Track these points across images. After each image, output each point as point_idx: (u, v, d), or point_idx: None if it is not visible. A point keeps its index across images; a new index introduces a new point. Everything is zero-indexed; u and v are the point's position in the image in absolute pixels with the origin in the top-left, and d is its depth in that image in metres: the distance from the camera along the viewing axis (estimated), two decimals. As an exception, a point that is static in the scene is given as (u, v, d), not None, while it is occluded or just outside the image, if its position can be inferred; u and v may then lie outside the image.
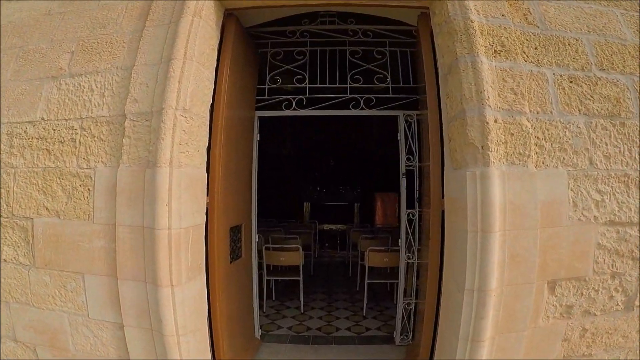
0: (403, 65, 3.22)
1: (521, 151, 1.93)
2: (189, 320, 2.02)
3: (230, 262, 2.50)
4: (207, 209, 2.22)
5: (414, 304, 3.08)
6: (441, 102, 2.26)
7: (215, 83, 2.35)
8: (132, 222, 1.94)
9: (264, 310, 3.93)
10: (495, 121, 1.90)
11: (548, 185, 1.94)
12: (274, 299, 4.28)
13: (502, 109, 1.93)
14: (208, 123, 2.21)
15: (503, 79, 1.98)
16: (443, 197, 2.16)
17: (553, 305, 1.97)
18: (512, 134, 1.93)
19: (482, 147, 1.86)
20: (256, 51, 3.22)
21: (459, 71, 1.99)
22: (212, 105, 2.31)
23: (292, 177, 8.85)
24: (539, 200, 1.91)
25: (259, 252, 3.90)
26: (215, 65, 2.37)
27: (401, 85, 3.20)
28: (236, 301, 2.65)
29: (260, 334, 3.27)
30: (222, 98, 2.35)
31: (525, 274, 1.88)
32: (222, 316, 2.36)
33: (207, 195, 2.21)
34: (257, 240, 3.04)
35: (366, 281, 3.84)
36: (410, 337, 3.13)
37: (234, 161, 2.52)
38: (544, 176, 1.94)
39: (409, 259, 3.01)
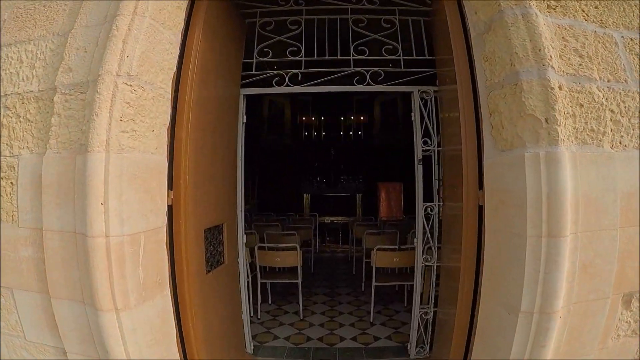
0: (416, 36, 2.62)
1: (594, 127, 1.38)
2: (147, 351, 1.49)
3: (208, 272, 1.95)
4: (170, 206, 1.66)
5: (432, 313, 2.55)
6: (475, 68, 1.71)
7: (183, 50, 1.77)
8: (63, 227, 1.39)
9: (259, 317, 3.39)
10: (560, 88, 1.36)
11: (628, 172, 1.43)
12: (270, 302, 3.74)
13: (567, 73, 1.42)
14: (170, 97, 1.63)
15: (563, 37, 1.47)
16: (481, 187, 1.58)
17: (626, 322, 1.54)
18: (582, 105, 1.39)
19: (547, 119, 1.28)
20: (242, 21, 2.62)
21: (505, 26, 1.47)
22: (178, 77, 1.74)
23: (291, 167, 8.28)
24: (618, 192, 1.36)
25: (252, 252, 3.36)
26: (184, 28, 1.79)
27: (414, 57, 2.60)
28: (218, 316, 2.11)
29: (252, 347, 2.74)
30: (191, 68, 1.77)
31: (599, 287, 1.40)
32: (198, 337, 1.82)
33: (171, 190, 1.65)
34: (244, 241, 2.48)
35: (373, 284, 3.29)
36: (428, 350, 2.62)
37: (210, 147, 1.95)
38: (622, 159, 1.41)
39: (426, 261, 2.45)
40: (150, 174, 1.46)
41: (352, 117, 8.68)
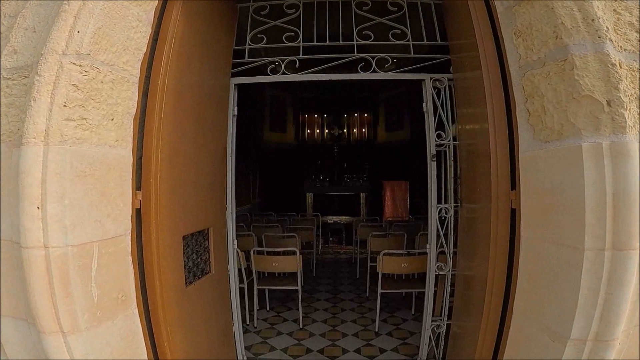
0: (426, 21, 2.33)
1: (661, 112, 1.07)
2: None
3: (190, 283, 1.67)
4: (139, 210, 1.37)
5: (445, 326, 2.26)
6: (502, 47, 1.43)
7: (158, 31, 1.49)
8: (2, 234, 1.12)
9: (255, 325, 3.12)
10: (620, 65, 1.05)
11: None
12: (268, 309, 3.46)
13: (624, 49, 1.12)
14: (138, 81, 1.34)
15: (614, 10, 1.18)
16: (513, 187, 1.28)
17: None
18: (646, 87, 1.07)
19: (609, 102, 0.98)
20: (233, 5, 2.34)
21: (545, -7, 1.15)
22: (152, 61, 1.46)
23: (293, 165, 7.99)
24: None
25: (247, 255, 3.08)
26: (161, 7, 1.52)
27: (425, 42, 2.30)
28: (204, 330, 1.83)
29: (246, 360, 2.47)
30: (166, 50, 1.48)
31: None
32: (177, 357, 1.55)
33: (140, 190, 1.36)
34: (235, 247, 2.20)
35: (379, 290, 2.99)
36: (440, 365, 2.33)
37: (191, 141, 1.66)
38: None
39: (440, 269, 2.15)
40: (107, 171, 1.17)
41: (355, 114, 8.37)
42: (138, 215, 1.37)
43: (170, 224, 1.45)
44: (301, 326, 3.11)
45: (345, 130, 8.40)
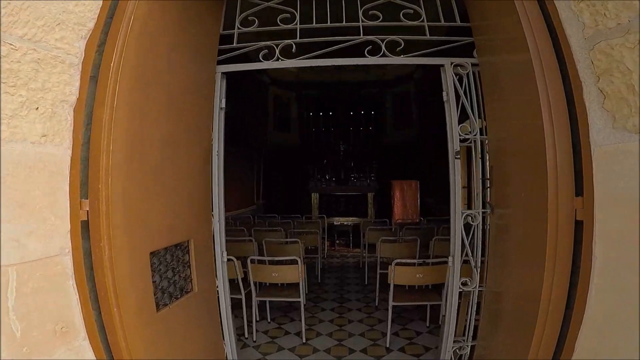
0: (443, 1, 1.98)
1: None
2: None
3: (165, 306, 1.36)
4: (86, 222, 1.07)
5: (469, 348, 1.92)
6: (556, 16, 1.09)
7: (116, 5, 1.19)
8: None
9: (254, 339, 2.81)
10: None
11: None
12: (269, 320, 3.15)
13: None
14: (77, 62, 1.03)
15: None
16: (579, 192, 0.93)
17: None
18: None
19: None
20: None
21: None
22: (104, 40, 1.15)
23: (298, 165, 7.67)
24: None
25: (245, 263, 2.77)
26: None
27: (443, 24, 1.95)
28: (184, 357, 1.53)
29: (242, 384, 2.17)
30: (123, 26, 1.16)
31: None
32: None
33: (87, 199, 1.06)
34: (224, 259, 1.88)
35: (390, 303, 2.65)
36: (460, 390, 1.99)
37: (161, 137, 1.35)
38: None
39: (465, 285, 1.81)
40: (27, 175, 0.86)
41: (362, 112, 8.01)
42: (86, 229, 1.06)
43: (129, 238, 1.14)
44: (304, 340, 2.79)
45: (351, 129, 8.05)
